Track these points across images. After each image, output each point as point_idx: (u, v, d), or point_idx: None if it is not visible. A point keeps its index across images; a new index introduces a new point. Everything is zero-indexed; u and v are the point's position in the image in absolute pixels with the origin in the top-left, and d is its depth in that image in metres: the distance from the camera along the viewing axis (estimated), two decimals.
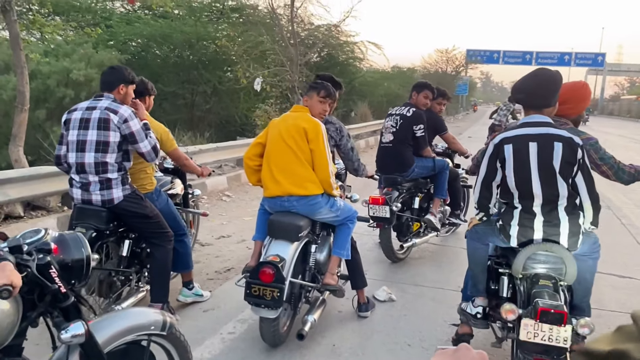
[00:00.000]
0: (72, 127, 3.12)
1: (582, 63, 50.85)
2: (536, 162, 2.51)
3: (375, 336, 3.38)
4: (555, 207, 2.54)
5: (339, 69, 20.96)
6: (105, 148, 3.06)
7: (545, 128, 2.57)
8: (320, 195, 3.19)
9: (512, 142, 2.57)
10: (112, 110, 3.09)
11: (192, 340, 3.16)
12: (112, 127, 3.07)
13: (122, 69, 3.32)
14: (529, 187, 2.53)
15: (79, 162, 3.09)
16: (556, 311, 2.21)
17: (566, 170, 2.51)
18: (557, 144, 2.51)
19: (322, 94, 3.35)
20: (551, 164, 2.50)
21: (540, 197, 2.53)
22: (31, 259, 1.54)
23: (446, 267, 4.74)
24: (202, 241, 5.34)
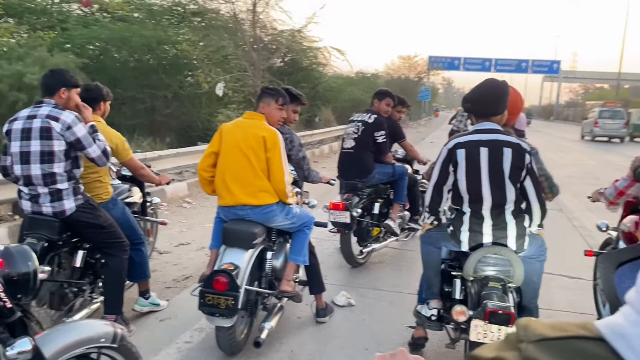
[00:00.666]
0: (13, 139, 2.99)
1: (539, 70, 52.51)
2: (487, 166, 2.60)
3: (333, 341, 3.40)
4: (503, 211, 2.63)
5: (302, 74, 21.02)
6: (51, 158, 2.95)
7: (495, 134, 2.67)
8: (275, 204, 3.19)
9: (464, 147, 2.65)
10: (53, 118, 2.95)
11: (148, 350, 3.12)
12: (55, 136, 2.94)
13: (64, 71, 3.19)
14: (479, 191, 2.62)
15: (25, 175, 2.98)
16: (504, 312, 2.28)
17: (515, 175, 2.61)
18: (506, 149, 2.61)
19: (281, 101, 3.35)
20: (501, 169, 2.59)
21: (489, 201, 2.62)
22: None
23: (405, 271, 4.82)
24: (161, 249, 5.25)
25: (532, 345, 0.36)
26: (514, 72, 50.95)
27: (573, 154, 18.71)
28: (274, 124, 3.29)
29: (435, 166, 2.76)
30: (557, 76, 58.25)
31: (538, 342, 0.36)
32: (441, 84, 74.14)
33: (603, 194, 3.35)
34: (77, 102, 3.16)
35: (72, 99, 3.14)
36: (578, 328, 0.37)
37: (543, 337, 0.36)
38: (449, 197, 2.78)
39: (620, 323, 0.34)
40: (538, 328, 0.38)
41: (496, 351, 0.39)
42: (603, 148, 21.95)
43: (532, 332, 0.37)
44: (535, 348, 0.36)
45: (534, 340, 0.36)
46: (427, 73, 42.63)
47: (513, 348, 0.38)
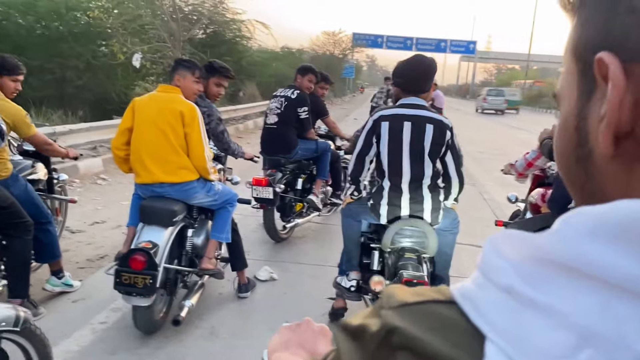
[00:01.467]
0: None
1: (456, 50, 54.67)
2: (408, 141, 2.68)
3: (255, 316, 3.41)
4: (420, 185, 2.73)
5: (225, 48, 20.44)
6: None
7: (419, 110, 2.74)
8: (196, 181, 3.10)
9: (388, 120, 2.70)
10: None
11: (60, 332, 2.99)
12: None
13: None
14: (400, 164, 2.69)
15: None
16: (418, 281, 2.38)
17: (434, 151, 2.71)
18: (428, 125, 2.70)
19: (197, 74, 3.21)
20: (422, 145, 2.68)
21: (408, 175, 2.70)
22: None
23: (327, 245, 4.90)
24: (73, 228, 4.97)
25: (391, 311, 0.37)
26: (433, 51, 52.73)
27: (485, 131, 19.75)
28: (189, 97, 3.16)
29: (360, 136, 2.79)
30: (473, 56, 60.92)
31: (397, 307, 0.37)
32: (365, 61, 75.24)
33: (514, 166, 3.48)
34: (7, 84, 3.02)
35: None
36: (435, 293, 0.38)
37: (402, 302, 0.37)
38: (370, 167, 2.83)
39: (468, 286, 0.36)
40: (400, 295, 0.39)
41: (362, 319, 0.40)
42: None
43: (393, 299, 0.38)
44: (393, 313, 0.37)
45: (394, 307, 0.37)
46: (351, 50, 42.99)
47: (376, 315, 0.38)
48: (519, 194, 3.99)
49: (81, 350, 2.85)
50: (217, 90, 3.71)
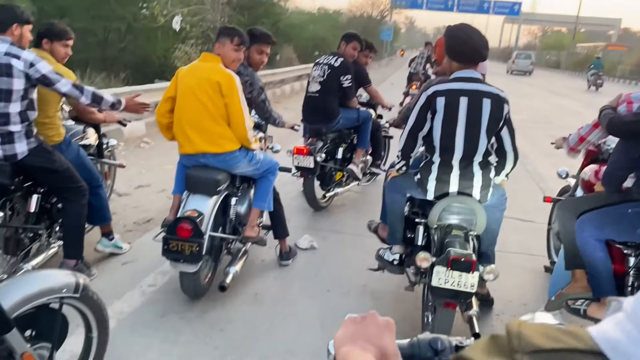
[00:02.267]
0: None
1: (500, 11, 52.36)
2: (465, 117, 2.61)
3: (296, 283, 3.48)
4: (471, 162, 2.68)
5: (263, 9, 20.25)
6: (8, 97, 2.81)
7: (475, 84, 2.65)
8: (238, 150, 3.12)
9: (444, 95, 2.62)
10: (13, 55, 2.81)
11: (111, 293, 3.12)
12: (15, 74, 2.80)
13: (14, 7, 3.03)
14: (452, 141, 2.64)
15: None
16: (466, 259, 2.36)
17: (492, 127, 2.65)
18: (485, 100, 2.62)
19: (236, 41, 3.14)
20: (478, 120, 2.61)
21: (460, 151, 2.65)
22: None
23: (366, 215, 4.87)
24: (119, 191, 5.13)
25: (527, 357, 0.36)
26: (476, 12, 50.67)
27: (528, 98, 19.11)
28: (229, 65, 3.11)
29: (413, 112, 2.73)
30: (518, 18, 58.44)
31: (533, 353, 0.36)
32: (403, 23, 73.12)
33: (567, 139, 3.35)
34: (29, 39, 3.06)
35: (25, 36, 3.01)
36: (574, 340, 0.37)
37: (538, 348, 0.36)
38: (421, 143, 2.78)
39: (619, 339, 0.35)
40: (532, 337, 0.38)
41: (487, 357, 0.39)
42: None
43: (526, 342, 0.37)
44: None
45: (529, 352, 0.36)
46: (389, 11, 41.85)
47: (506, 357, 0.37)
48: (570, 169, 3.88)
49: (132, 312, 2.98)
50: (259, 58, 3.68)
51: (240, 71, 3.53)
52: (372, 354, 0.83)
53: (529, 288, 3.68)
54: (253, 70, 3.65)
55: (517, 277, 3.82)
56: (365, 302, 3.26)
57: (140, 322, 2.88)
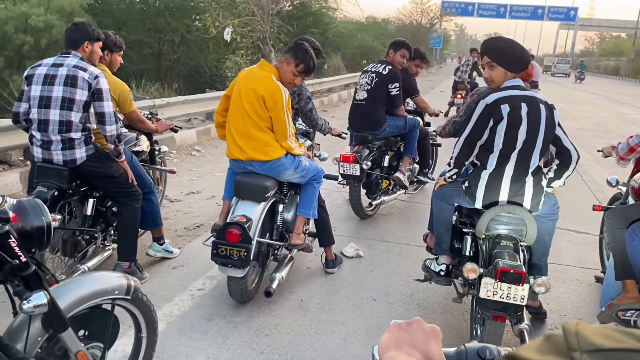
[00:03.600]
0: (35, 83, 3.00)
1: (555, 17, 50.88)
2: (526, 123, 2.56)
3: (342, 291, 3.46)
4: (527, 168, 2.60)
5: (312, 19, 20.46)
6: (71, 106, 2.96)
7: (527, 91, 2.65)
8: (284, 157, 3.14)
9: (507, 102, 2.58)
10: (81, 68, 3.00)
11: (162, 296, 3.21)
12: (79, 85, 2.97)
13: (86, 25, 3.22)
14: (512, 148, 2.58)
15: (43, 119, 2.98)
16: (515, 271, 2.29)
17: (549, 132, 2.60)
18: (541, 106, 2.60)
19: (301, 68, 3.13)
20: (537, 127, 2.57)
21: (515, 158, 2.58)
22: None
23: (413, 224, 4.84)
24: (171, 197, 5.29)
25: (585, 356, 0.34)
26: (529, 19, 49.47)
27: (583, 105, 18.38)
28: (284, 83, 3.11)
29: (471, 121, 2.67)
30: (574, 24, 56.46)
31: (592, 352, 0.35)
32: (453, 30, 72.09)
33: (615, 148, 3.35)
34: (99, 55, 3.26)
35: (95, 53, 3.20)
36: (634, 340, 0.35)
37: (597, 347, 0.35)
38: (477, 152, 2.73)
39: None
40: (590, 337, 0.36)
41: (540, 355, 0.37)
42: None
43: (584, 341, 0.36)
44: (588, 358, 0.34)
45: (587, 350, 0.35)
46: (439, 19, 41.36)
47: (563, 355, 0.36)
48: (620, 177, 3.73)
49: (181, 314, 3.05)
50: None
51: None
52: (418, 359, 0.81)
53: (585, 302, 3.52)
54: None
55: (572, 290, 3.66)
56: (412, 312, 3.20)
57: (188, 326, 2.94)
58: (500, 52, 2.68)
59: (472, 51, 12.14)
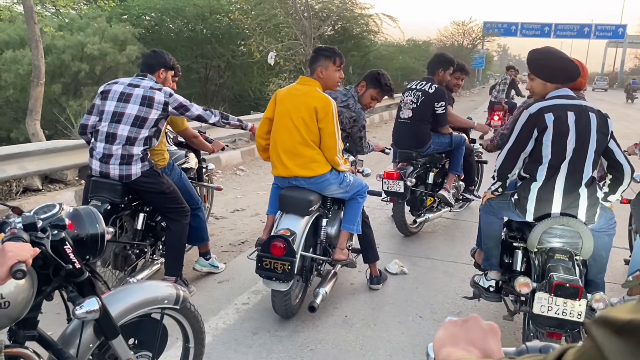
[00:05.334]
0: (110, 98, 3.17)
1: (602, 35, 49.49)
2: (574, 132, 2.49)
3: (386, 308, 3.41)
4: (579, 180, 2.52)
5: (353, 42, 20.65)
6: (143, 124, 3.13)
7: (577, 100, 2.58)
8: (329, 173, 3.15)
9: (552, 111, 2.52)
10: (157, 89, 3.20)
11: (208, 310, 3.24)
12: (155, 106, 3.15)
13: (164, 53, 3.43)
14: (562, 158, 2.51)
15: (112, 132, 3.12)
16: (571, 285, 2.19)
17: (600, 141, 2.52)
18: (591, 114, 2.52)
19: (339, 61, 3.20)
20: (587, 135, 2.49)
21: (566, 169, 2.50)
22: (45, 236, 1.54)
23: (459, 241, 4.74)
24: (217, 214, 5.39)
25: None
26: (575, 37, 48.33)
27: (636, 123, 17.65)
28: (332, 87, 3.21)
29: (514, 132, 2.62)
30: (622, 41, 54.72)
31: None
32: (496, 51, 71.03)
33: (638, 145, 3.61)
34: (171, 83, 3.46)
35: (168, 80, 3.41)
36: None
37: None
38: (522, 164, 2.67)
39: None
40: None
41: (632, 314, 0.35)
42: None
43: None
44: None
45: None
46: (481, 40, 40.95)
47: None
48: None
49: (227, 328, 3.07)
50: (369, 102, 3.72)
51: (350, 105, 3.62)
52: (477, 357, 0.78)
53: None
54: (362, 108, 3.70)
55: None
56: None
57: (234, 339, 2.95)
58: (538, 63, 2.65)
59: (509, 69, 11.44)
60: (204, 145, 4.10)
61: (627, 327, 0.35)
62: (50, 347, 1.71)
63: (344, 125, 3.58)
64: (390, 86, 3.75)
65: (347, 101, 3.61)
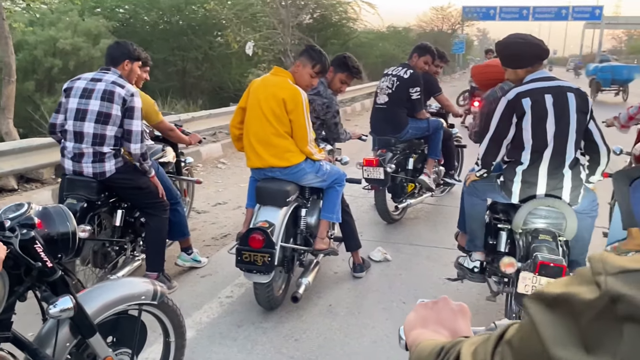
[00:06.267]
0: (73, 95, 3.07)
1: (579, 17, 49.87)
2: (553, 114, 2.50)
3: (370, 295, 3.41)
4: (563, 161, 2.54)
5: (332, 31, 20.59)
6: (107, 120, 3.03)
7: (554, 81, 2.57)
8: (304, 162, 3.12)
9: (529, 96, 2.52)
10: (119, 85, 3.06)
11: (191, 304, 3.22)
12: (116, 100, 3.03)
13: (127, 44, 3.29)
14: (544, 140, 2.52)
15: (77, 131, 3.04)
16: (555, 265, 2.22)
17: (580, 121, 2.52)
18: (569, 94, 2.52)
19: (317, 69, 3.15)
20: (567, 116, 2.50)
21: (550, 151, 2.52)
22: (14, 235, 1.51)
23: (441, 227, 4.76)
24: (198, 209, 5.33)
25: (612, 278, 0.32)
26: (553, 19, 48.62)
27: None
28: (301, 86, 3.12)
29: (493, 119, 2.62)
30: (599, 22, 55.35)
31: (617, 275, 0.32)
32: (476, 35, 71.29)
33: (617, 118, 3.88)
34: (138, 74, 3.32)
35: (133, 72, 3.27)
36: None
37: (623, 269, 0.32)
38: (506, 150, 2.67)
39: None
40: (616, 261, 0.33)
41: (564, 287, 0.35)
42: None
43: (610, 265, 0.33)
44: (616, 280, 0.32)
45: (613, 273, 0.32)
46: (461, 24, 41.08)
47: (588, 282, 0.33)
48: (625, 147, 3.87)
49: (211, 321, 3.05)
50: (339, 87, 3.71)
51: (320, 91, 3.60)
52: (445, 337, 0.78)
53: None
54: (333, 93, 3.68)
55: None
56: None
57: (218, 332, 2.93)
58: (501, 55, 2.69)
59: (488, 52, 11.31)
60: (181, 138, 4.02)
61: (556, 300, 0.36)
62: (26, 347, 1.68)
63: (317, 113, 3.56)
64: (358, 68, 3.76)
65: (317, 88, 3.58)
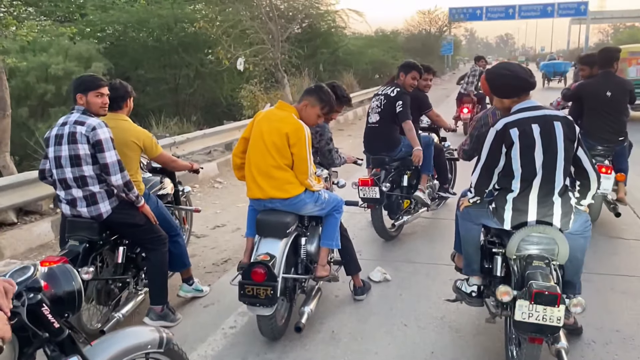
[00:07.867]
0: (50, 144, 3.13)
1: (565, 13, 50.24)
2: (540, 144, 2.56)
3: (372, 319, 3.46)
4: (552, 189, 2.60)
5: (321, 40, 20.68)
6: (78, 161, 3.07)
7: (541, 110, 2.63)
8: (304, 193, 3.18)
9: (516, 126, 2.58)
10: (79, 123, 3.07)
11: (196, 337, 3.26)
12: (79, 140, 3.04)
13: (83, 78, 3.23)
14: (532, 170, 2.58)
15: (61, 178, 3.12)
16: (550, 293, 2.27)
17: (568, 149, 2.58)
18: (556, 123, 2.58)
19: (326, 110, 3.26)
20: (554, 145, 2.56)
21: (539, 180, 2.58)
22: (20, 303, 1.53)
23: (438, 242, 4.82)
24: (197, 233, 5.37)
25: None
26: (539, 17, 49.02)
27: None
28: (307, 123, 3.18)
29: (484, 148, 2.68)
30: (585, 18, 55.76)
31: None
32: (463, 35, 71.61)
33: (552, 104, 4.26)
34: (98, 104, 3.15)
35: (90, 102, 3.13)
36: None
37: None
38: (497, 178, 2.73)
39: None
40: None
41: None
42: None
43: None
44: None
45: None
46: (448, 26, 41.34)
47: None
48: None
49: (216, 354, 3.09)
50: (331, 116, 3.77)
51: None
52: None
53: (622, 312, 3.44)
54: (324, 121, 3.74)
55: (607, 300, 3.59)
56: (444, 336, 3.18)
57: None
58: (489, 84, 2.75)
59: (479, 60, 11.25)
60: (183, 166, 4.05)
61: None
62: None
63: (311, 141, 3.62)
64: (348, 97, 3.85)
65: None
